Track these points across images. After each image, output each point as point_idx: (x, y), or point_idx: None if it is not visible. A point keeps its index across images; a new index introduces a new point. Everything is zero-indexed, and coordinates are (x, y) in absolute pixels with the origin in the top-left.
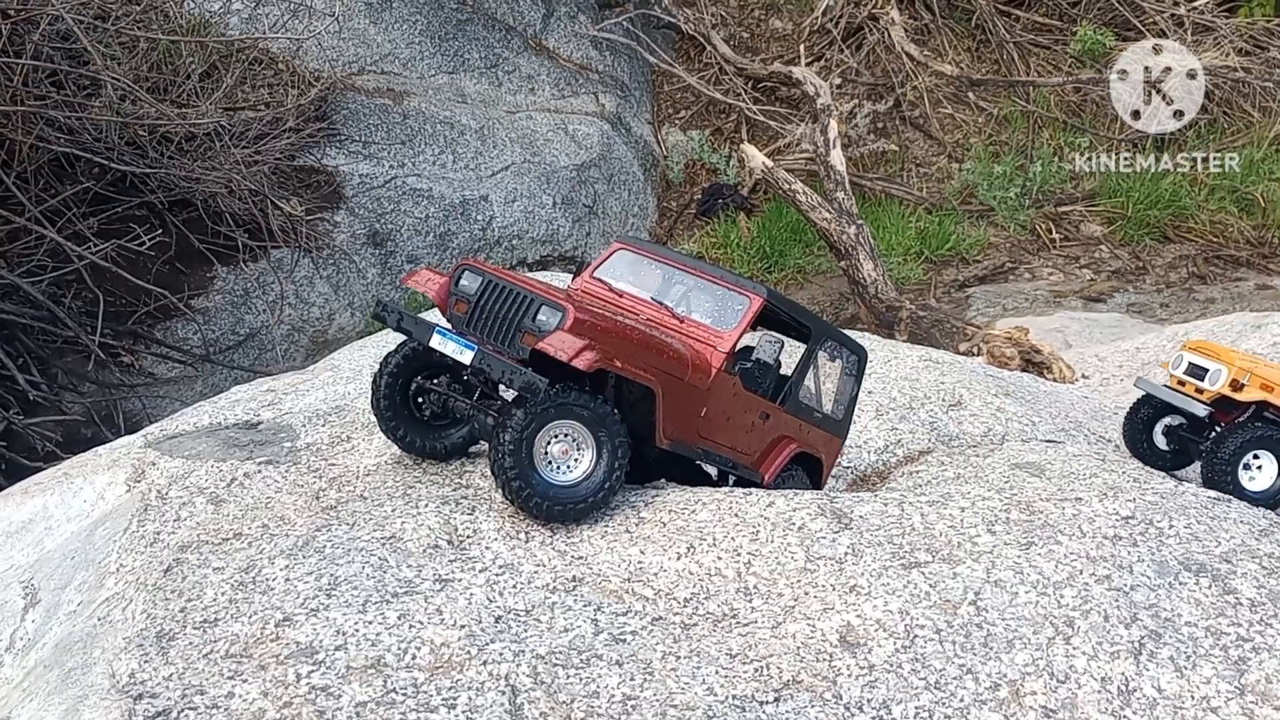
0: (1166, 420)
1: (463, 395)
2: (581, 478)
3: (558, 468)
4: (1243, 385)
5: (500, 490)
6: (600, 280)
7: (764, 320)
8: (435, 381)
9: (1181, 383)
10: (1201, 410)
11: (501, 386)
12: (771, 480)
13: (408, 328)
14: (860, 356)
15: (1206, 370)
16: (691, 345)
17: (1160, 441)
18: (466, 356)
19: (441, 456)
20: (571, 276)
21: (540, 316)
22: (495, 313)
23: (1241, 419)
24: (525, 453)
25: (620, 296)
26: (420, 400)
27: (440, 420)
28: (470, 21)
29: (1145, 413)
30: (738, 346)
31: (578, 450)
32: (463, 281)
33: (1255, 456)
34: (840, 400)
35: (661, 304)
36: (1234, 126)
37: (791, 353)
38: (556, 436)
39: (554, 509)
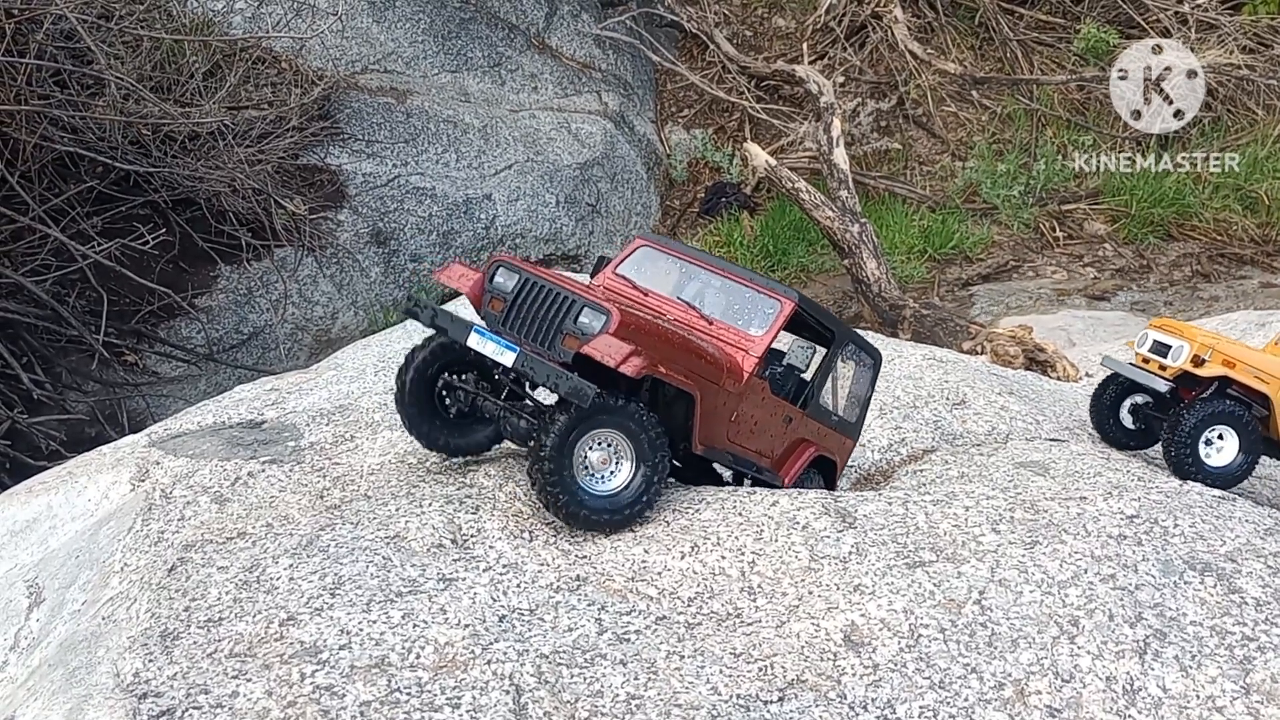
0: (1133, 399)
1: (491, 394)
2: (619, 488)
3: (596, 476)
4: (1204, 361)
5: (539, 498)
6: (623, 277)
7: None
8: (463, 379)
9: (1146, 360)
10: (1163, 386)
11: (537, 387)
12: (791, 484)
13: (443, 325)
14: (876, 359)
15: (1170, 347)
16: (723, 348)
17: (1127, 421)
18: (508, 358)
19: (466, 455)
20: (591, 273)
21: (583, 318)
22: (534, 313)
23: (1204, 395)
24: (565, 460)
25: (645, 295)
26: (446, 397)
27: (465, 418)
28: (473, 20)
29: (1112, 392)
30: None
31: (616, 460)
32: (498, 278)
33: (1216, 433)
34: (853, 402)
35: (689, 304)
36: (1238, 125)
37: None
38: (596, 445)
39: (591, 518)
